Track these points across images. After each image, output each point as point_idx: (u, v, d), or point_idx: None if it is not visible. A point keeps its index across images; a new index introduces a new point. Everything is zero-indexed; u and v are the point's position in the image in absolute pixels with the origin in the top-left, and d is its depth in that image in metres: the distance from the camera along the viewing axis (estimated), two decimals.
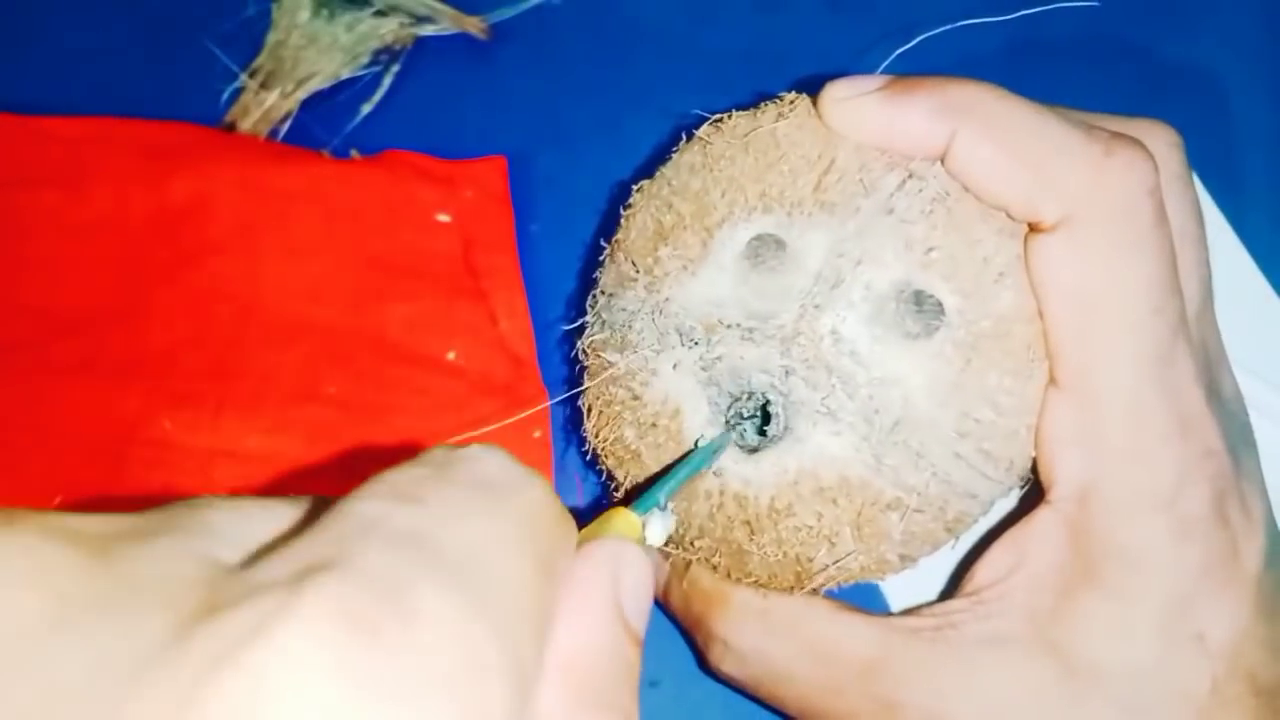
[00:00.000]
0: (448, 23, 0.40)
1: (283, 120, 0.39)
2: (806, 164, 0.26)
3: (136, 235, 0.35)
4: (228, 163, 0.36)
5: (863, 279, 0.25)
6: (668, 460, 0.27)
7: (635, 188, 0.29)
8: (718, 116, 0.28)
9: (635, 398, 0.27)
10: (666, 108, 0.39)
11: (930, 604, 0.29)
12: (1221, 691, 0.26)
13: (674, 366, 0.26)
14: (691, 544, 0.28)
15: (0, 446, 0.34)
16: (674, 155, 0.29)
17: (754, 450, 0.26)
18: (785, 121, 0.27)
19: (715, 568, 0.28)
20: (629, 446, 0.27)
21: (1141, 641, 0.26)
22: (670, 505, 0.26)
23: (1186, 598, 0.26)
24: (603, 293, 0.29)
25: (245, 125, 0.38)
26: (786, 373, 0.25)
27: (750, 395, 0.26)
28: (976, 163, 0.25)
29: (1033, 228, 0.26)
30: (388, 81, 0.39)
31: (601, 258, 0.29)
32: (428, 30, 0.40)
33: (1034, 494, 0.28)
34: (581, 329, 0.29)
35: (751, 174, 0.26)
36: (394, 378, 0.35)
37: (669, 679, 0.33)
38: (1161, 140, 0.28)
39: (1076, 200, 0.25)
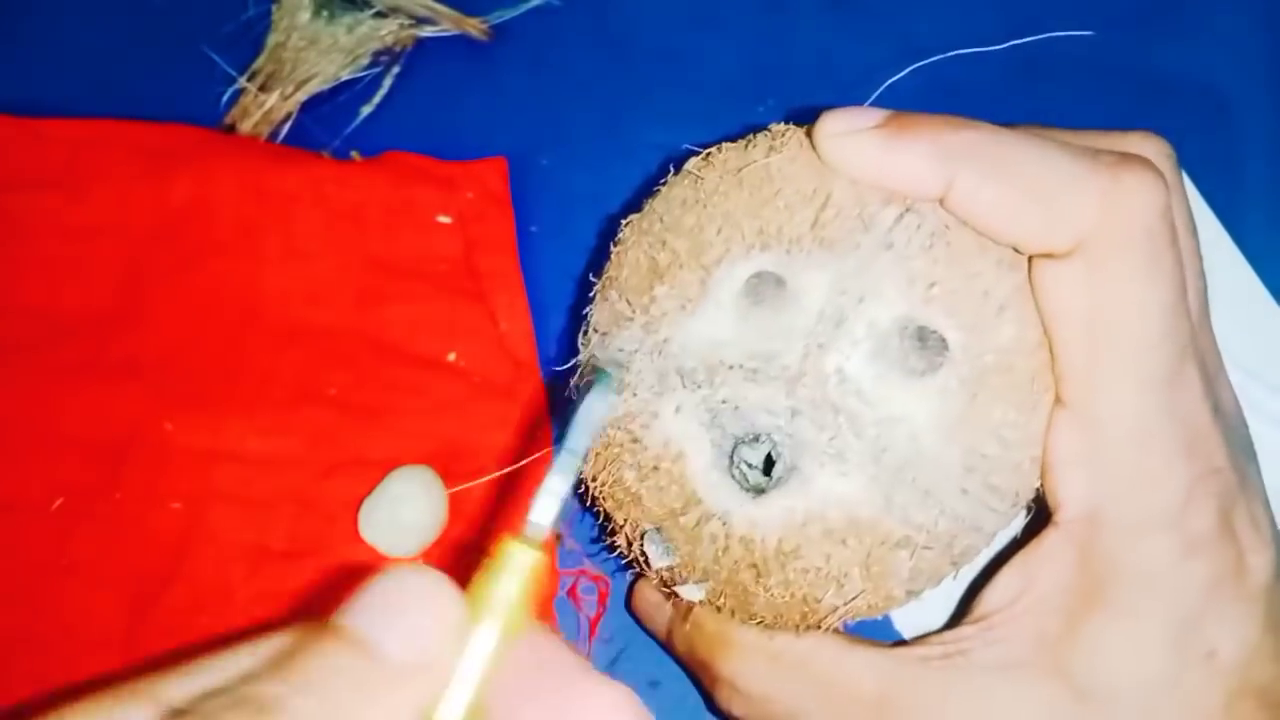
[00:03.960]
0: (448, 24, 0.40)
1: (283, 122, 0.39)
2: (802, 199, 0.26)
3: (137, 237, 0.35)
4: (228, 165, 0.36)
5: (865, 316, 0.25)
6: (671, 505, 0.26)
7: (624, 222, 0.29)
8: (708, 150, 0.28)
9: (635, 440, 0.26)
10: (666, 109, 0.40)
11: (938, 632, 0.28)
12: (1234, 707, 0.26)
13: (676, 409, 0.26)
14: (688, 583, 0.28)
15: (1, 448, 0.34)
16: (663, 189, 0.28)
17: (760, 492, 0.26)
18: (778, 155, 0.27)
19: (719, 609, 0.28)
20: (629, 489, 0.27)
21: (1153, 660, 0.26)
22: (669, 545, 0.26)
23: (1196, 615, 0.26)
24: (595, 330, 0.28)
25: (245, 127, 0.38)
26: (793, 413, 0.25)
27: (755, 437, 0.26)
28: (981, 204, 0.25)
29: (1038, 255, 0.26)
30: (388, 83, 0.40)
31: (591, 294, 0.29)
32: (428, 31, 0.40)
33: (1039, 519, 0.28)
34: (573, 369, 0.29)
35: (747, 210, 0.26)
36: (395, 379, 0.35)
37: (669, 679, 0.33)
38: (1155, 153, 0.27)
39: (1089, 228, 0.25)
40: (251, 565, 0.33)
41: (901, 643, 0.29)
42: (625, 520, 0.28)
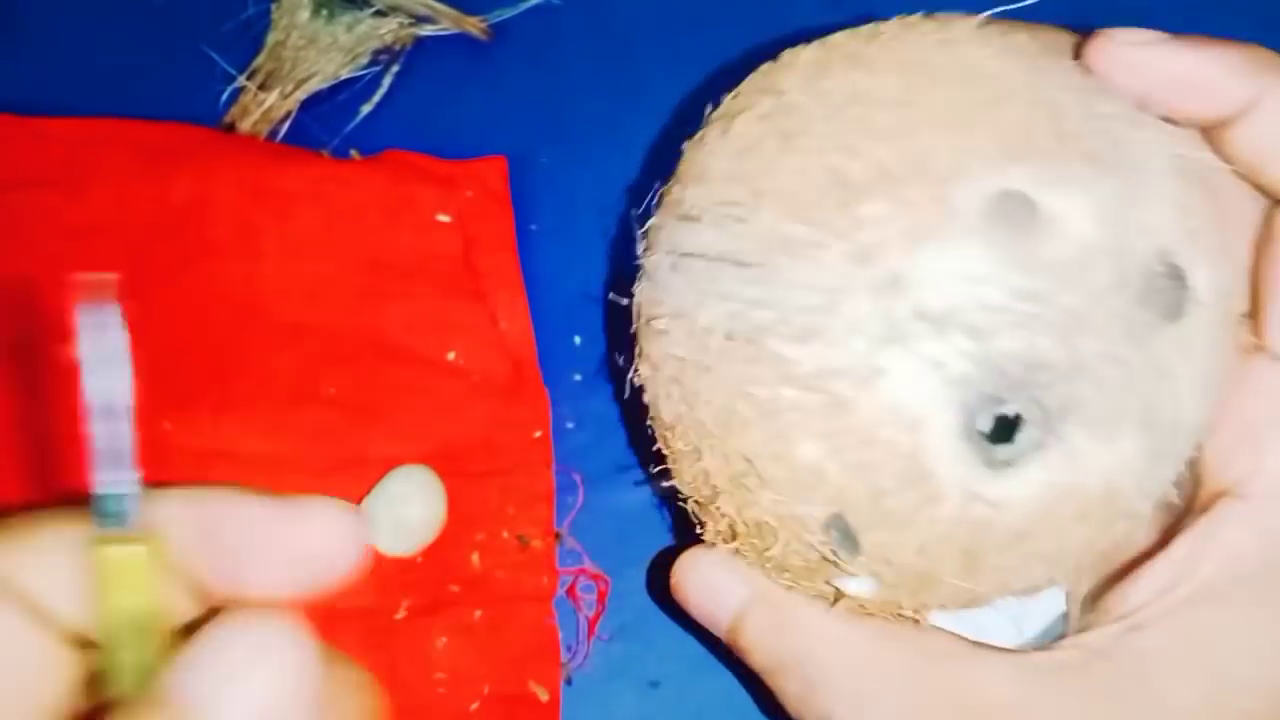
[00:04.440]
0: (448, 23, 0.40)
1: (282, 121, 0.39)
2: (1028, 104, 0.21)
3: (137, 236, 0.35)
4: (228, 163, 0.36)
5: (1137, 250, 0.21)
6: (881, 484, 0.21)
7: (720, 114, 0.23)
8: (828, 38, 0.23)
9: (837, 404, 0.21)
10: (666, 108, 0.40)
11: (1064, 637, 0.25)
12: None
13: (913, 365, 0.20)
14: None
15: (3, 449, 0.34)
16: (784, 72, 0.23)
17: (1007, 464, 0.21)
18: (966, 46, 0.22)
19: (834, 598, 0.23)
20: (800, 466, 0.21)
21: None
22: (853, 536, 0.21)
23: None
24: (728, 261, 0.22)
25: (245, 125, 0.38)
26: (1075, 368, 0.21)
27: (1014, 399, 0.21)
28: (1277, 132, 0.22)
29: None
30: (387, 82, 0.39)
31: (686, 212, 0.23)
32: (428, 30, 0.40)
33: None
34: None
35: (965, 112, 0.21)
36: (394, 378, 0.35)
37: (669, 679, 0.33)
38: None
39: None
40: None
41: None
42: (768, 500, 0.22)
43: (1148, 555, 0.25)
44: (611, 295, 0.24)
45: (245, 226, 0.35)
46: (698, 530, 0.26)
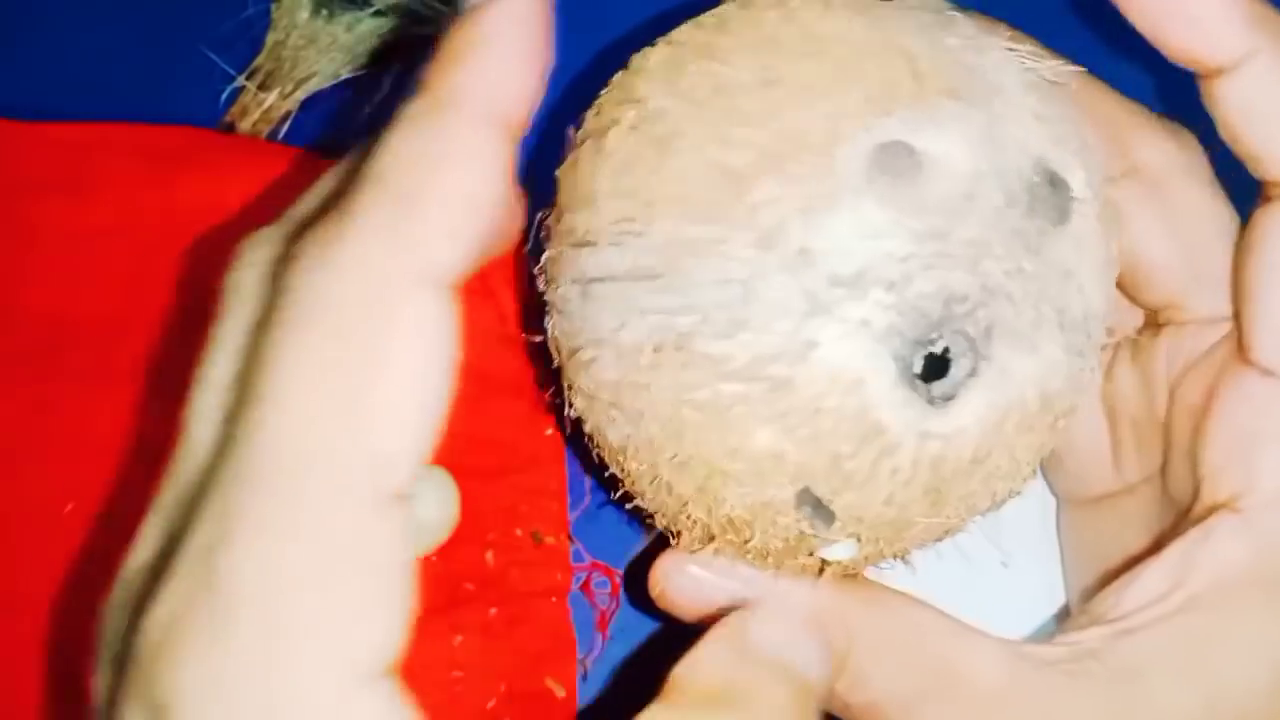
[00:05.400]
0: (448, 23, 0.40)
1: (282, 120, 0.39)
2: (880, 56, 0.22)
3: (144, 240, 0.35)
4: (236, 166, 0.36)
5: (1014, 166, 0.22)
6: (837, 449, 0.21)
7: (585, 131, 0.23)
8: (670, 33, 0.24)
9: (779, 386, 0.21)
10: None
11: (1058, 635, 0.25)
12: None
13: (845, 324, 0.21)
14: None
15: (11, 454, 0.34)
16: (640, 76, 0.23)
17: (949, 398, 0.22)
18: (809, 15, 0.22)
19: (819, 569, 0.24)
20: (761, 452, 0.22)
21: None
22: (825, 507, 0.22)
23: None
24: (637, 277, 0.22)
25: (245, 125, 0.38)
26: (987, 293, 0.21)
27: (939, 336, 0.21)
28: (1267, 93, 0.23)
29: (1269, 191, 0.24)
30: (388, 82, 0.39)
31: (581, 239, 0.23)
32: (428, 30, 0.40)
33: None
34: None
35: (830, 77, 0.22)
36: None
37: None
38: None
39: None
40: None
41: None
42: (735, 495, 0.22)
43: (1141, 561, 0.25)
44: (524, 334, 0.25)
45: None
46: (673, 542, 0.26)
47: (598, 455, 0.25)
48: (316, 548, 0.18)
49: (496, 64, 0.19)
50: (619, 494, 0.26)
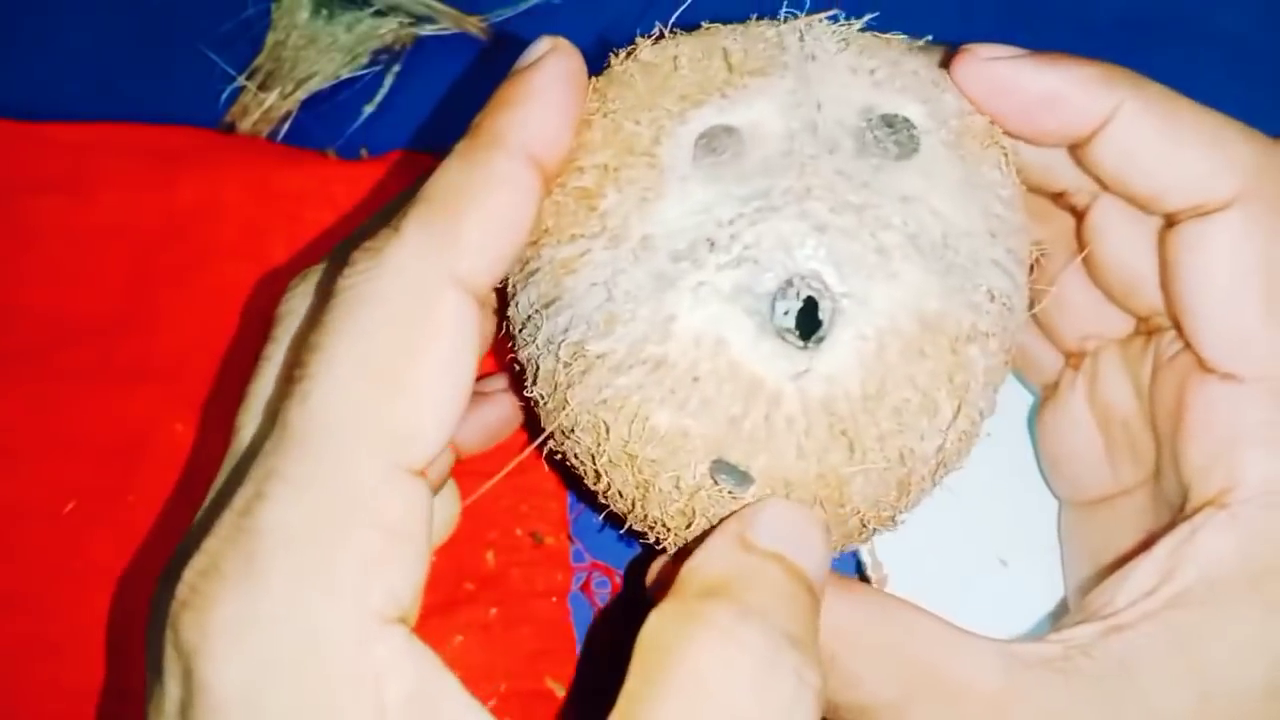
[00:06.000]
0: (448, 23, 0.40)
1: (282, 121, 0.39)
2: (699, 62, 0.24)
3: (144, 240, 0.35)
4: (235, 166, 0.36)
5: (833, 117, 0.24)
6: (730, 410, 0.23)
7: None
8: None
9: (658, 365, 0.23)
10: None
11: (1051, 633, 0.25)
12: None
13: (691, 297, 0.22)
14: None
15: (12, 452, 0.34)
16: None
17: (820, 340, 0.23)
18: (645, 54, 0.25)
19: None
20: (669, 434, 0.23)
21: None
22: (743, 471, 0.23)
23: None
24: (537, 312, 0.24)
25: (245, 125, 0.38)
26: (819, 230, 0.22)
27: (789, 283, 0.23)
28: (1143, 140, 0.24)
29: (1172, 219, 0.25)
30: (388, 82, 0.39)
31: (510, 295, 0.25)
32: (428, 30, 0.40)
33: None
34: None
35: (653, 91, 0.24)
36: None
37: None
38: None
39: (1255, 176, 0.23)
40: None
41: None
42: (667, 481, 0.24)
43: (1132, 558, 0.25)
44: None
45: (253, 229, 0.35)
46: (664, 546, 0.26)
47: (586, 486, 0.27)
48: (339, 503, 0.20)
49: (538, 113, 0.22)
50: (605, 512, 0.27)
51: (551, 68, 0.23)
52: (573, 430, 0.24)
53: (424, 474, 0.21)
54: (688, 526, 0.25)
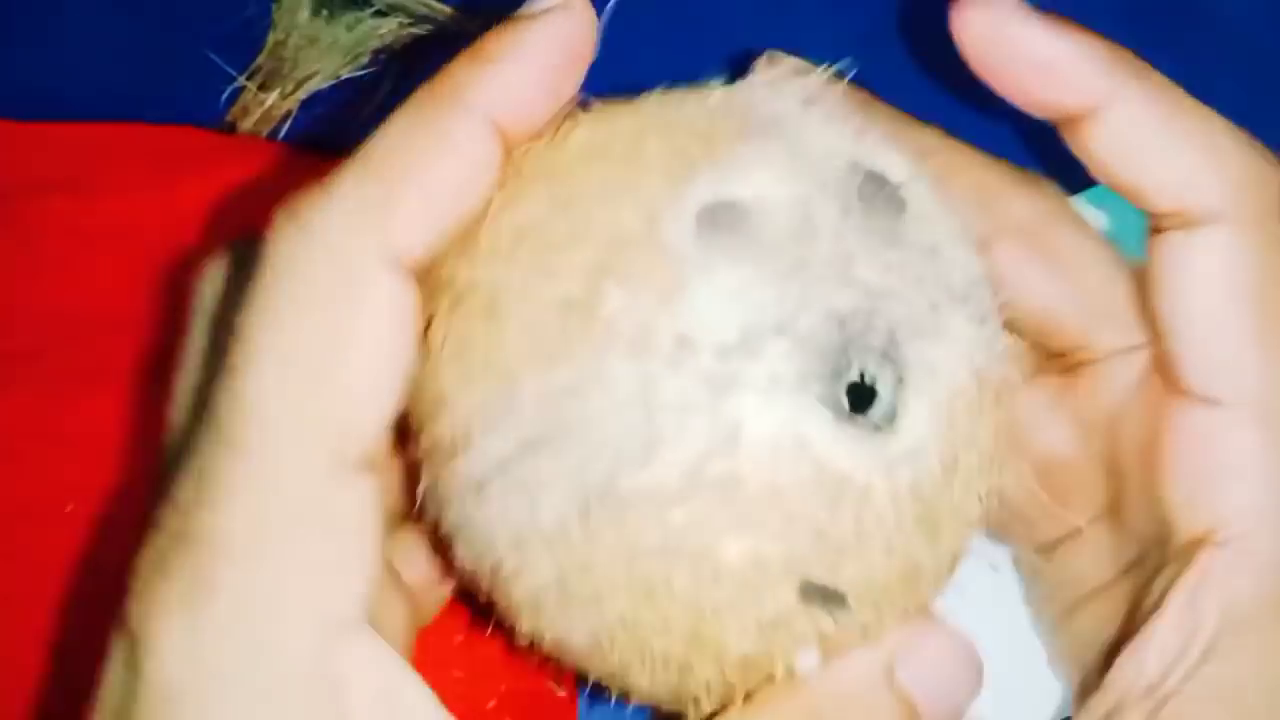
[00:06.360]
0: (448, 23, 0.40)
1: (282, 121, 0.39)
2: (660, 134, 0.21)
3: (144, 240, 0.35)
4: (238, 166, 0.36)
5: (833, 176, 0.21)
6: (816, 520, 0.19)
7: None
8: None
9: (726, 486, 0.19)
10: None
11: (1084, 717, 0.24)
12: None
13: (757, 399, 0.19)
14: None
15: (13, 454, 0.34)
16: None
17: (891, 418, 0.20)
18: (578, 132, 0.21)
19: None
20: (743, 561, 0.19)
21: None
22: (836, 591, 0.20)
23: None
24: (514, 461, 0.19)
25: (245, 125, 0.38)
26: (874, 297, 0.20)
27: (851, 362, 0.20)
28: (1136, 130, 0.22)
29: (1156, 223, 0.23)
30: (388, 82, 0.40)
31: (451, 445, 0.20)
32: (428, 30, 0.40)
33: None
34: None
35: (618, 173, 0.20)
36: None
37: None
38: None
39: (1247, 189, 0.22)
40: None
41: None
42: (732, 629, 0.20)
43: (1130, 626, 0.24)
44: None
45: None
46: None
47: (574, 669, 0.23)
48: (282, 508, 0.19)
49: (516, 74, 0.19)
50: (614, 698, 0.23)
51: (549, 25, 0.20)
52: (598, 599, 0.20)
53: (367, 461, 0.19)
54: (744, 687, 0.21)
